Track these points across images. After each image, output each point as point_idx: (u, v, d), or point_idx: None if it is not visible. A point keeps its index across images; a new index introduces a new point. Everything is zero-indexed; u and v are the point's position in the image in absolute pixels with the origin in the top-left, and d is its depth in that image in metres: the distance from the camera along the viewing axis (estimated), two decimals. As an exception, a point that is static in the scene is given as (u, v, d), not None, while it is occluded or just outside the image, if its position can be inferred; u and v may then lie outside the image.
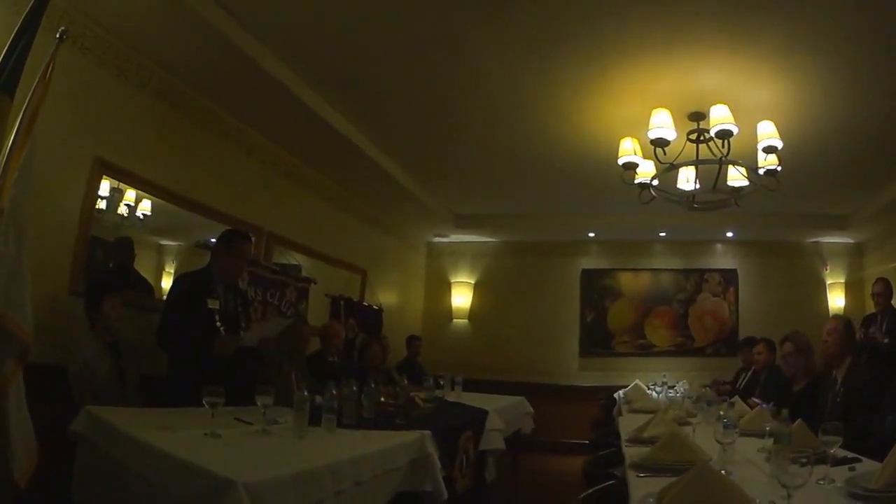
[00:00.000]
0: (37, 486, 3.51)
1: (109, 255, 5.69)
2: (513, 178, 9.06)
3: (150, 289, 6.08)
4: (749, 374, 8.62)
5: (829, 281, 11.32)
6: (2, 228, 3.25)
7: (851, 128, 6.56)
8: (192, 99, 6.29)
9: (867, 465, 3.07)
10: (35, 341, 3.56)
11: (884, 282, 7.92)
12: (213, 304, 5.01)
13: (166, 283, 6.20)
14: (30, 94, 3.44)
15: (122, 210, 5.71)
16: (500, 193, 10.03)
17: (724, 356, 11.30)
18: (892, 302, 7.78)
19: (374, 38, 5.46)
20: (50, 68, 3.56)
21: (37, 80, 3.49)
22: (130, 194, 5.76)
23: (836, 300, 11.18)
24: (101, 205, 5.44)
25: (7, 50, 3.21)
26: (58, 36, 3.64)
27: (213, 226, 5.82)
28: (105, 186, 5.44)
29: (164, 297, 5.58)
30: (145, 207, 5.91)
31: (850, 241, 11.21)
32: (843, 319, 5.54)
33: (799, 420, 3.81)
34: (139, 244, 5.94)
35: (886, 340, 7.32)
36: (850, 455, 3.31)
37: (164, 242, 6.35)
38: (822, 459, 2.72)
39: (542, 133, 7.20)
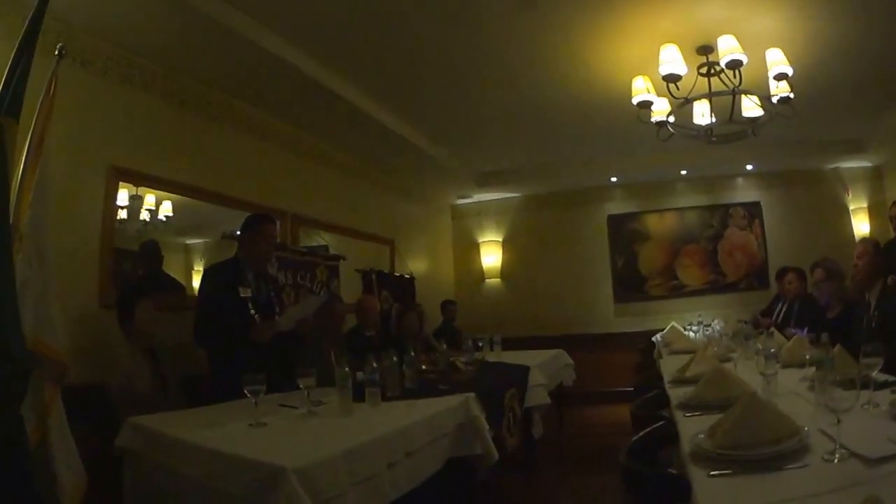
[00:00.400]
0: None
1: (138, 262, 5.70)
2: (530, 129, 8.96)
3: (182, 288, 6.09)
4: (784, 305, 8.54)
5: (851, 206, 11.17)
6: (24, 252, 3.25)
7: (858, 49, 6.41)
8: (200, 92, 6.29)
9: (909, 387, 3.04)
10: (71, 361, 3.59)
11: None
12: (245, 293, 4.99)
13: (197, 281, 6.21)
14: (35, 114, 3.44)
15: (144, 216, 5.72)
16: (520, 147, 9.94)
17: (757, 289, 11.27)
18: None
19: (381, 6, 5.40)
20: (53, 85, 3.57)
21: (41, 99, 3.48)
22: (150, 199, 5.77)
23: (861, 225, 11.03)
24: (122, 214, 5.46)
25: (7, 74, 3.18)
26: (56, 53, 3.64)
27: (237, 216, 5.77)
28: (124, 196, 5.46)
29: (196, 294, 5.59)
30: (167, 209, 5.91)
31: (869, 164, 11.03)
32: (872, 242, 5.48)
33: (838, 346, 3.78)
34: (165, 246, 5.94)
35: None
36: (891, 378, 3.28)
37: (189, 241, 6.37)
38: (864, 384, 2.70)
39: (555, 81, 7.11)
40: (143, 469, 3.55)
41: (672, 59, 5.62)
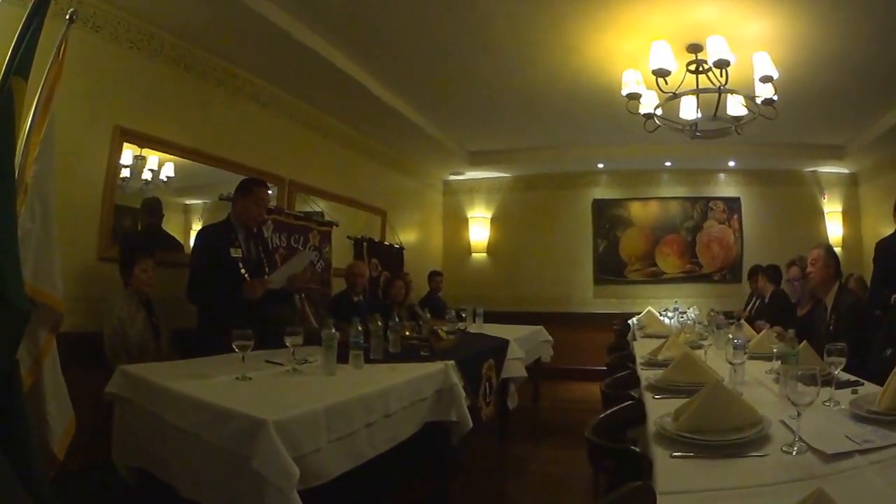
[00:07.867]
0: (77, 452, 3.58)
1: (139, 217, 5.72)
2: (523, 113, 8.92)
3: (180, 246, 6.09)
4: (757, 301, 8.58)
5: (826, 209, 11.24)
6: (27, 205, 3.27)
7: (843, 59, 6.42)
8: (205, 60, 6.26)
9: (868, 388, 3.07)
10: (69, 310, 3.64)
11: None
12: (236, 253, 5.03)
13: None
14: (45, 75, 3.43)
15: (146, 175, 5.72)
16: (512, 129, 9.91)
17: (730, 282, 11.38)
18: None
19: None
20: (63, 48, 3.56)
21: (51, 61, 3.48)
22: (153, 160, 5.76)
23: (834, 228, 11.13)
24: (125, 173, 5.46)
25: (18, 36, 3.19)
26: (68, 17, 3.63)
27: (236, 179, 5.69)
28: (128, 156, 5.46)
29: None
30: (168, 170, 5.91)
31: (846, 171, 11.10)
32: (825, 247, 5.46)
33: (804, 342, 3.80)
34: (165, 206, 5.94)
35: None
36: (852, 378, 3.31)
37: (189, 202, 6.34)
38: (826, 381, 2.71)
39: (549, 68, 7.07)
40: (131, 415, 3.58)
41: (662, 55, 5.59)
